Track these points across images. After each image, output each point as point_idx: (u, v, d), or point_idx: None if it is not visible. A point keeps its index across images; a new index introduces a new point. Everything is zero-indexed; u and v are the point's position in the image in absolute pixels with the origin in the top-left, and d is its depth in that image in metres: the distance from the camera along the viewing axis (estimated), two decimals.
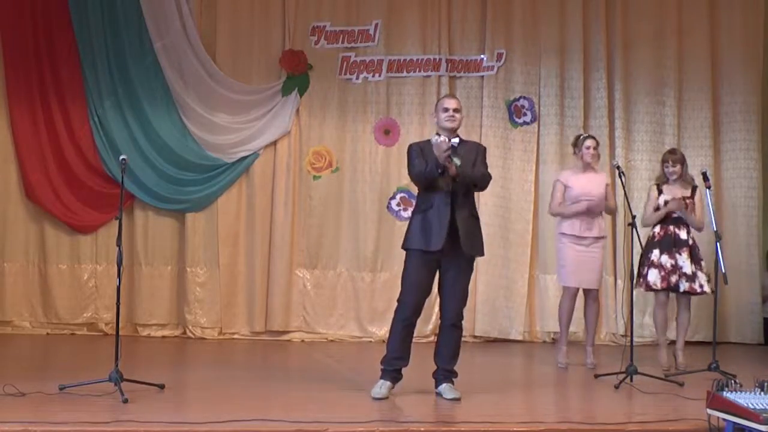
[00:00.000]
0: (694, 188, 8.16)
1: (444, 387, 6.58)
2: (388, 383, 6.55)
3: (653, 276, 7.96)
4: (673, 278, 7.94)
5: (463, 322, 6.70)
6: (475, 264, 6.81)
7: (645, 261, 8.03)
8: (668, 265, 7.97)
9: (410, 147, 6.76)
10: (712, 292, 7.95)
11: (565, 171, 8.58)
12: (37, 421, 5.38)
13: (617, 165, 7.87)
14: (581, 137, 8.33)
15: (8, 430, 5.20)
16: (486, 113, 9.98)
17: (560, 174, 8.48)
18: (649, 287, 8.01)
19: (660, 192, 8.15)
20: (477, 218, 6.72)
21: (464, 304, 6.65)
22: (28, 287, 9.69)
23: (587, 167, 8.19)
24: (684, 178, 8.17)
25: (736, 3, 10.18)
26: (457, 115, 6.67)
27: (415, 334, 9.38)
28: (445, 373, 6.65)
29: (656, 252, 8.01)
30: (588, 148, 8.15)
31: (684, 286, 7.95)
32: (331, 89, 9.92)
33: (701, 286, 7.97)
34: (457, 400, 6.45)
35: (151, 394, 6.38)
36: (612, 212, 8.50)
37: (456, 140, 6.63)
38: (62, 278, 9.72)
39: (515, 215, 9.93)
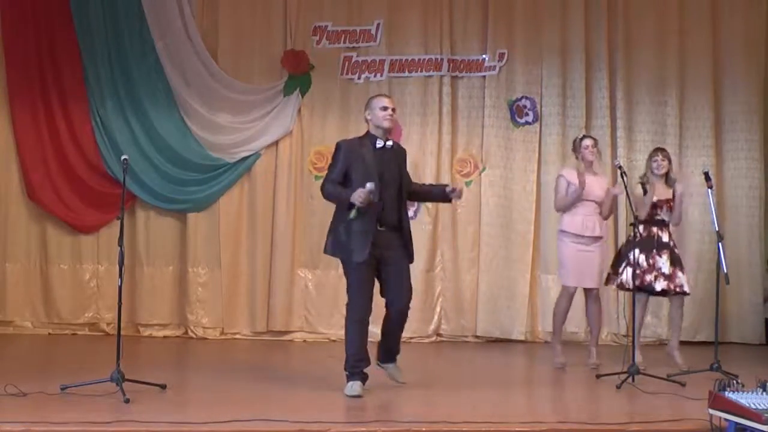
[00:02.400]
0: (674, 192, 8.15)
1: (391, 366, 6.94)
2: (359, 382, 6.61)
3: (627, 275, 7.93)
4: (648, 277, 7.92)
5: (408, 311, 6.89)
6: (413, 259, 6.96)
7: (623, 259, 8.01)
8: (645, 264, 7.95)
9: (338, 146, 6.79)
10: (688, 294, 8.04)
11: (568, 168, 8.51)
12: (39, 421, 5.39)
13: (619, 165, 7.86)
14: (578, 138, 8.33)
15: (10, 430, 5.22)
16: (488, 113, 9.97)
17: (563, 170, 8.45)
18: (621, 286, 8.00)
19: (645, 192, 8.14)
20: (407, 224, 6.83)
21: (411, 295, 6.83)
22: (30, 287, 9.69)
23: (589, 167, 8.17)
24: (668, 178, 8.15)
25: (738, 3, 10.16)
26: (394, 115, 6.76)
27: (416, 334, 9.49)
28: (392, 353, 6.94)
29: (636, 251, 7.94)
30: (587, 147, 8.13)
31: (661, 285, 7.94)
32: (333, 89, 9.92)
33: (680, 285, 7.97)
34: (403, 383, 6.83)
35: (152, 394, 6.39)
36: (606, 217, 8.39)
37: (390, 143, 6.74)
38: (64, 278, 9.72)
39: (517, 215, 9.92)
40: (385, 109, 6.69)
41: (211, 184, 9.73)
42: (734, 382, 5.38)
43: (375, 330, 6.93)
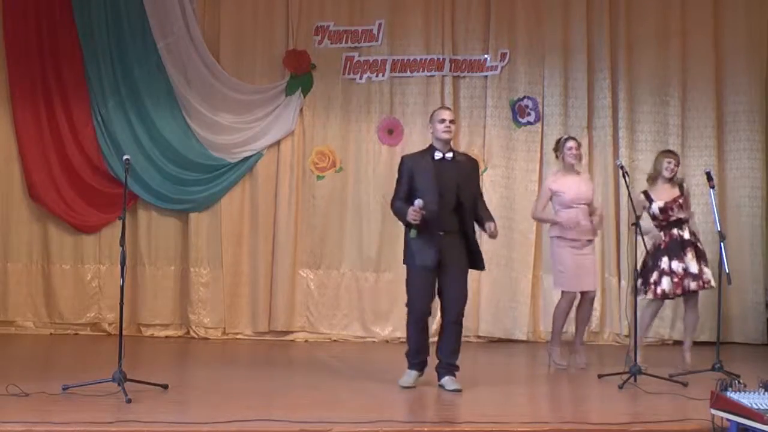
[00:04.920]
0: (681, 186, 8.13)
1: (446, 380, 6.85)
2: (415, 372, 6.91)
3: (667, 284, 7.91)
4: (686, 282, 7.91)
5: (463, 319, 6.98)
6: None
7: (654, 268, 7.95)
8: (680, 270, 7.90)
9: (402, 161, 7.08)
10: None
11: (551, 176, 8.46)
12: (41, 422, 5.39)
13: (621, 165, 7.83)
14: (562, 139, 8.28)
15: (11, 430, 5.21)
16: (490, 113, 9.98)
17: (548, 180, 8.39)
18: (664, 295, 7.93)
19: (650, 200, 8.09)
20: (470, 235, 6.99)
21: (465, 303, 6.95)
22: (32, 287, 9.69)
23: (570, 169, 8.13)
24: (674, 178, 8.15)
25: (740, 3, 10.15)
26: (453, 126, 6.98)
27: None
28: (447, 366, 6.92)
29: (665, 259, 7.95)
30: (570, 149, 8.08)
31: (692, 285, 7.91)
32: (335, 89, 9.92)
33: (708, 280, 7.93)
34: (458, 391, 6.71)
35: (154, 394, 6.39)
36: (597, 219, 8.26)
37: (450, 155, 6.93)
38: (65, 278, 9.73)
39: (519, 215, 9.91)
40: (443, 121, 6.93)
41: (212, 183, 9.74)
42: (736, 382, 5.36)
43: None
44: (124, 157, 6.88)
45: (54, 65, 9.58)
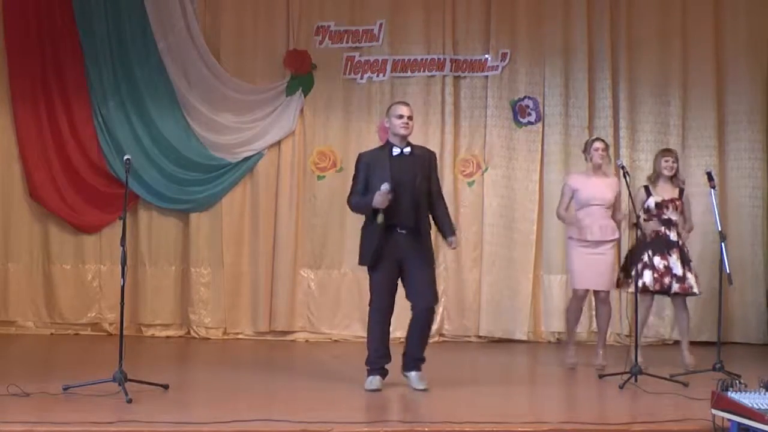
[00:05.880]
0: (681, 190, 8.15)
1: (413, 375, 6.83)
2: (378, 377, 6.80)
3: (648, 277, 7.96)
4: (666, 280, 7.94)
5: (432, 314, 6.99)
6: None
7: (636, 261, 7.96)
8: (661, 266, 7.95)
9: (358, 158, 7.08)
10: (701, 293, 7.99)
11: (574, 174, 8.53)
12: (41, 422, 5.40)
13: (622, 165, 7.84)
14: (590, 140, 8.32)
15: (12, 430, 5.22)
16: (490, 113, 9.97)
17: (569, 177, 8.44)
18: (645, 288, 7.96)
19: (648, 194, 8.15)
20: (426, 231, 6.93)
21: (431, 296, 6.87)
22: (32, 287, 9.69)
23: (597, 170, 8.13)
24: (676, 178, 8.16)
25: (741, 3, 10.14)
26: (411, 123, 6.93)
27: None
28: (414, 361, 6.87)
29: (649, 253, 7.99)
30: (597, 149, 8.08)
31: (675, 287, 7.95)
32: (336, 89, 9.92)
33: (691, 286, 7.98)
34: (425, 390, 6.69)
35: (155, 394, 6.40)
36: (618, 222, 8.35)
37: (408, 149, 6.90)
38: (66, 278, 9.72)
39: (520, 215, 9.91)
40: (401, 117, 6.89)
41: (213, 183, 9.73)
42: (737, 382, 5.37)
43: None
44: (125, 157, 6.88)
45: (54, 65, 9.58)
